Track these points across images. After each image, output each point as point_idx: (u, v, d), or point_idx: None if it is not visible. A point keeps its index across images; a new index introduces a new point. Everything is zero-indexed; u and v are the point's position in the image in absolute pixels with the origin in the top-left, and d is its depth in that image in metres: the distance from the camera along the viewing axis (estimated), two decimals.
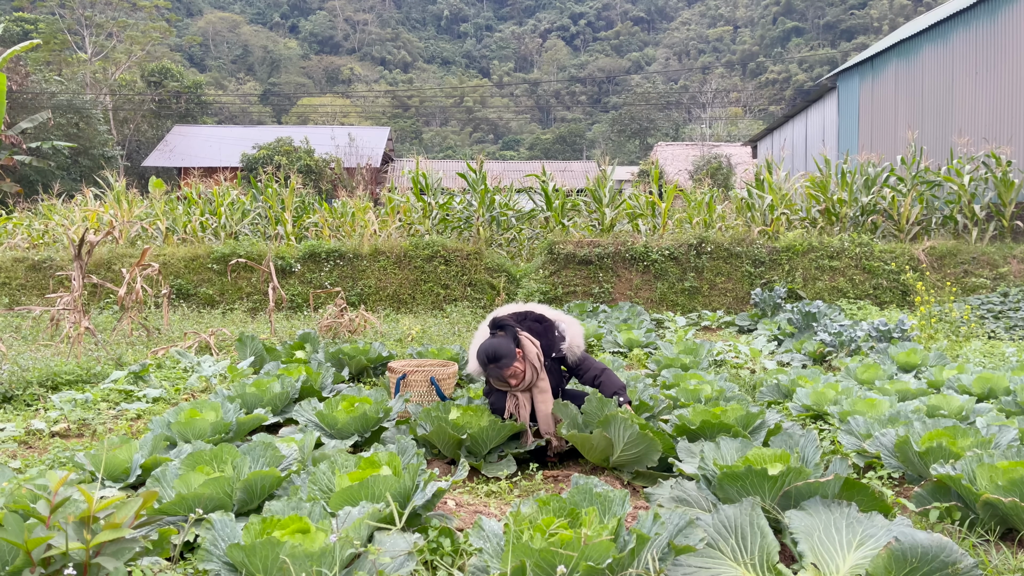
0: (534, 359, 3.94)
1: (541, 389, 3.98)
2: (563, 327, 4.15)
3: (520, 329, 4.05)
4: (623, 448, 3.61)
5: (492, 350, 3.88)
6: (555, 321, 4.18)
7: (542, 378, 3.99)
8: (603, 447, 3.66)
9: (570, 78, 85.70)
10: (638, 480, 3.70)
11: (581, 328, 4.21)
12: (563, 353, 4.10)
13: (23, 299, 11.36)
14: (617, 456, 3.65)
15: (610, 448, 3.63)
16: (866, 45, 55.18)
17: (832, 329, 7.27)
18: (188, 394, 5.69)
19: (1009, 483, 2.80)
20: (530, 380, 3.94)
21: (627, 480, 3.72)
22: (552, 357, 4.09)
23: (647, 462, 3.63)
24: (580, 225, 13.59)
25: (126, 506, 2.15)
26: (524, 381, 3.93)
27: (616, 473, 3.79)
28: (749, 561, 2.34)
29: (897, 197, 12.63)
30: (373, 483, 2.78)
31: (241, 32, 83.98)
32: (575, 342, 4.10)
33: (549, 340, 4.09)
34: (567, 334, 4.11)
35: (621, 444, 3.59)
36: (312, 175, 27.42)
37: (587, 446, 3.75)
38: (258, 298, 11.42)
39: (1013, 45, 14.60)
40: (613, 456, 3.66)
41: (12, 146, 23.76)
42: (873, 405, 4.31)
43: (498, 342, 3.91)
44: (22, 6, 44.94)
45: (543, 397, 3.97)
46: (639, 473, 3.71)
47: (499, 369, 3.86)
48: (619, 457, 3.66)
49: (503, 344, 3.89)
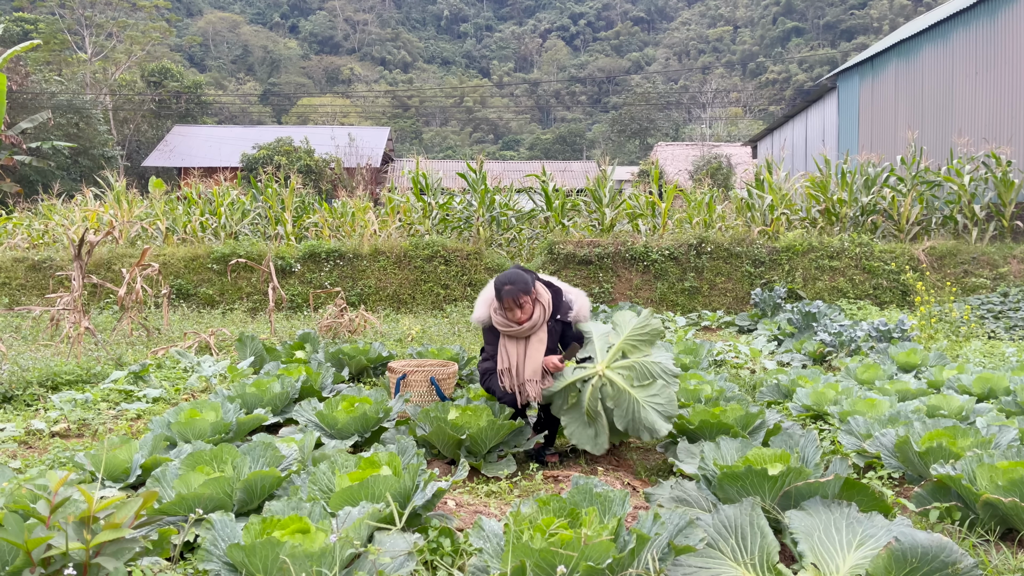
0: (545, 303, 4.02)
1: (539, 339, 4.01)
2: (571, 297, 4.23)
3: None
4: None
5: (510, 276, 3.96)
6: (564, 291, 4.24)
7: (542, 329, 4.03)
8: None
9: (570, 78, 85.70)
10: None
11: (588, 302, 4.28)
12: (569, 319, 4.15)
13: (23, 299, 11.36)
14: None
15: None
16: (866, 45, 55.20)
17: (832, 329, 7.27)
18: (188, 394, 5.69)
19: (1009, 483, 2.80)
20: (534, 322, 3.97)
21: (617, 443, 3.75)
22: (556, 319, 4.12)
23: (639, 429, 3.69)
24: (580, 225, 13.59)
25: (126, 506, 2.15)
26: (530, 319, 3.97)
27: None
28: (749, 561, 2.35)
29: (897, 197, 12.63)
30: (373, 483, 2.78)
31: (241, 32, 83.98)
32: (582, 312, 4.19)
33: (557, 303, 4.14)
34: (575, 304, 4.19)
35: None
36: (312, 175, 27.42)
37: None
38: (258, 298, 11.42)
39: (1013, 45, 14.61)
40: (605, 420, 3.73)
41: (12, 146, 23.77)
42: (873, 405, 4.31)
43: (517, 273, 4.00)
44: (22, 6, 44.94)
45: (537, 347, 3.99)
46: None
47: (514, 291, 3.90)
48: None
49: (524, 276, 3.99)
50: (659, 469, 4.03)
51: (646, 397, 3.75)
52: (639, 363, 3.82)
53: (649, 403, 3.74)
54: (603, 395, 3.78)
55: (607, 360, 3.83)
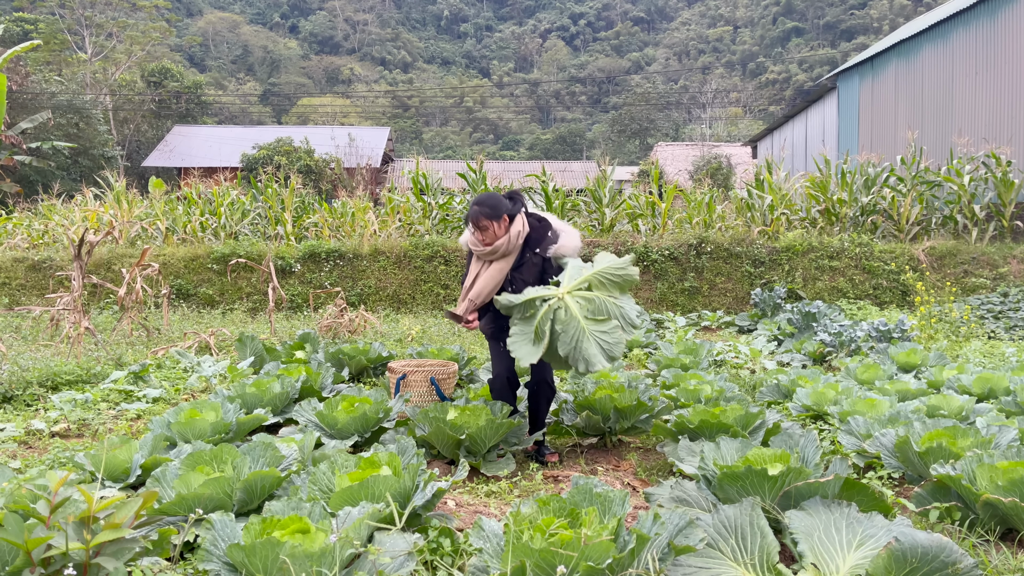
0: (513, 236, 4.00)
1: (498, 267, 4.01)
2: (560, 233, 4.14)
3: (525, 210, 4.14)
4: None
5: (483, 198, 4.02)
6: (555, 226, 4.16)
7: (508, 257, 4.04)
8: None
9: (570, 78, 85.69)
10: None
11: (578, 242, 4.16)
12: (548, 254, 4.08)
13: (23, 299, 11.36)
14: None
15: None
16: (866, 45, 55.20)
17: (832, 329, 7.27)
18: (188, 394, 5.69)
19: (1009, 483, 2.80)
20: (496, 248, 3.99)
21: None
22: (536, 252, 4.08)
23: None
24: (580, 225, 13.58)
25: (126, 506, 2.15)
26: (492, 243, 3.99)
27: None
28: (749, 561, 2.35)
29: (897, 197, 12.63)
30: (373, 483, 2.78)
31: (241, 32, 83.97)
32: (563, 250, 4.09)
33: (539, 235, 4.10)
34: (560, 239, 4.10)
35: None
36: (312, 175, 27.41)
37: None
38: (258, 298, 11.42)
39: (1013, 45, 14.61)
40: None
41: (12, 146, 23.76)
42: (873, 405, 4.31)
43: (497, 197, 4.03)
44: (22, 6, 44.94)
45: (493, 273, 4.00)
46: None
47: (479, 213, 3.95)
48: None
49: (499, 201, 4.00)
50: (659, 469, 4.03)
51: (595, 330, 3.68)
52: (600, 299, 3.76)
53: (595, 336, 3.66)
54: (555, 318, 3.70)
55: (571, 286, 3.77)
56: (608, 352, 3.67)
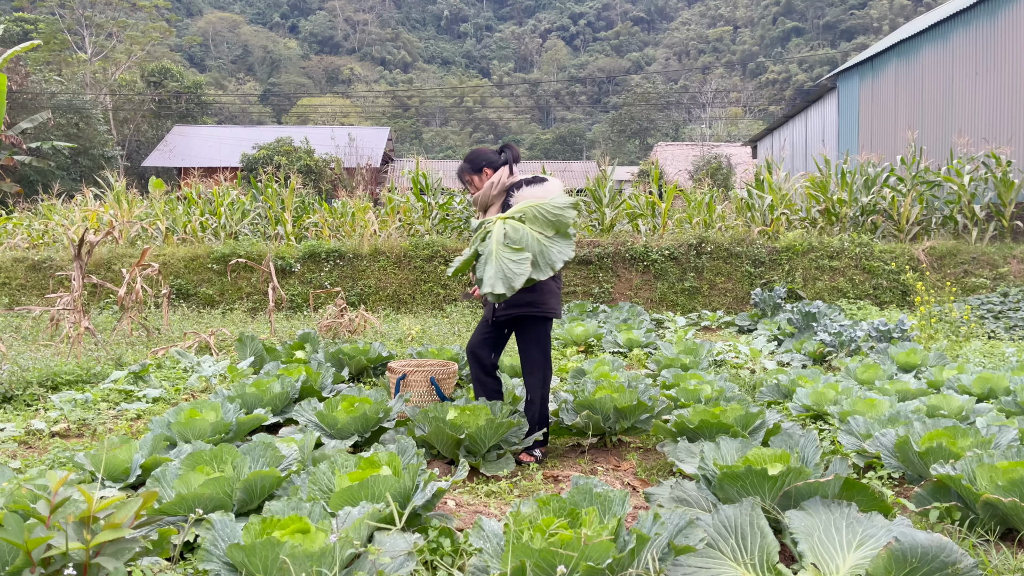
0: (486, 185, 4.16)
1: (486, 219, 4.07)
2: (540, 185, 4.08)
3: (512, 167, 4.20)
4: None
5: (470, 153, 4.30)
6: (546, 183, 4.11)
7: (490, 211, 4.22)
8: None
9: (570, 78, 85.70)
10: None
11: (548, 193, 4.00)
12: (511, 202, 4.09)
13: (23, 299, 11.36)
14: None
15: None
16: (866, 45, 55.19)
17: (832, 329, 7.27)
18: (188, 394, 5.69)
19: (1009, 483, 2.80)
20: (477, 200, 4.23)
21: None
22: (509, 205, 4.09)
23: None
24: (580, 225, 13.59)
25: (126, 506, 2.15)
26: (473, 194, 4.25)
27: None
28: (749, 561, 2.35)
29: (897, 197, 12.63)
30: (373, 483, 2.78)
31: (241, 32, 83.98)
32: (523, 195, 4.05)
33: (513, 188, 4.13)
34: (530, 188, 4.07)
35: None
36: (312, 175, 27.41)
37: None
38: (258, 298, 11.42)
39: (1013, 45, 14.61)
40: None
41: (12, 146, 23.76)
42: (873, 405, 4.31)
43: (480, 151, 4.30)
44: (22, 6, 44.95)
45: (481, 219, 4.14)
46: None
47: (461, 168, 4.29)
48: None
49: (479, 155, 4.27)
50: (659, 469, 4.03)
51: (505, 256, 3.63)
52: (526, 231, 3.71)
53: (502, 263, 3.62)
54: (482, 243, 3.77)
55: (505, 214, 3.82)
56: (506, 281, 3.58)
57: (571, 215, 3.80)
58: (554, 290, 4.23)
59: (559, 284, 4.30)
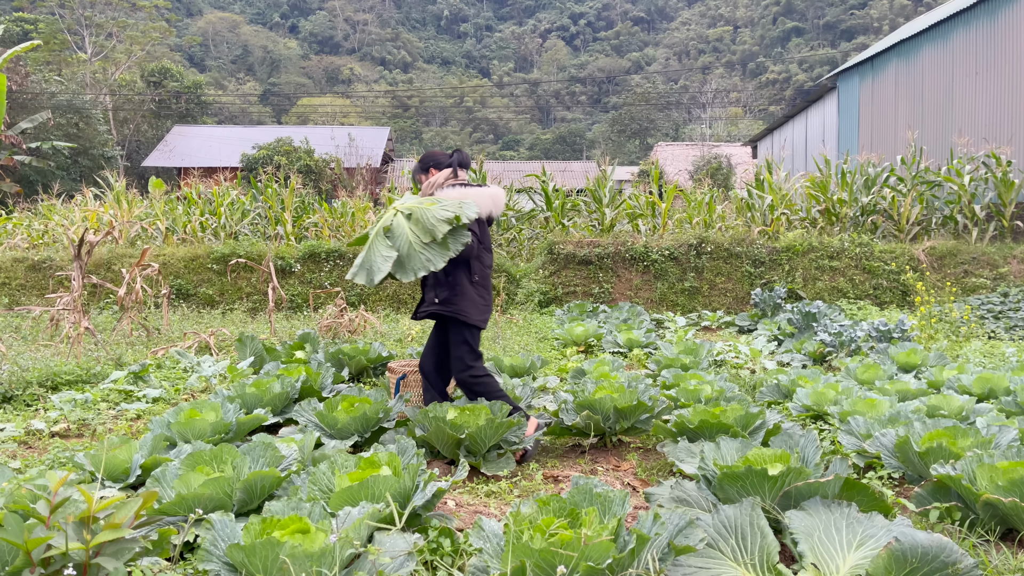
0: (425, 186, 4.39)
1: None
2: (460, 190, 4.26)
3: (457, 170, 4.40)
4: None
5: (427, 153, 4.53)
6: (471, 190, 4.28)
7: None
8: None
9: (570, 78, 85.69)
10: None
11: (480, 202, 4.19)
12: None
13: (23, 299, 11.36)
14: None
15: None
16: (866, 45, 55.18)
17: (832, 329, 7.27)
18: (188, 394, 5.69)
19: (1009, 483, 2.80)
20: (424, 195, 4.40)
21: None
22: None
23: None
24: (580, 225, 13.59)
25: (126, 506, 2.15)
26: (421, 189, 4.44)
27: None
28: (749, 561, 2.35)
29: (897, 197, 12.63)
30: (373, 483, 2.78)
31: (241, 32, 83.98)
32: (434, 192, 4.32)
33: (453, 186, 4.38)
34: (442, 190, 4.30)
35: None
36: (312, 175, 27.41)
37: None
38: (258, 298, 11.42)
39: (1013, 45, 14.61)
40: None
41: (12, 146, 23.76)
42: (873, 405, 4.31)
43: (431, 153, 4.52)
44: (22, 6, 44.95)
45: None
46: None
47: (416, 165, 4.54)
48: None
49: (427, 156, 4.51)
50: (659, 469, 4.03)
51: (378, 248, 3.92)
52: (404, 229, 3.91)
53: (373, 254, 3.91)
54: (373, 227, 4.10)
55: (398, 204, 4.06)
56: (369, 272, 3.88)
57: (442, 230, 3.87)
58: (471, 297, 4.24)
59: (481, 293, 4.31)
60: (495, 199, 4.38)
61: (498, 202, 4.41)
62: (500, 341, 8.20)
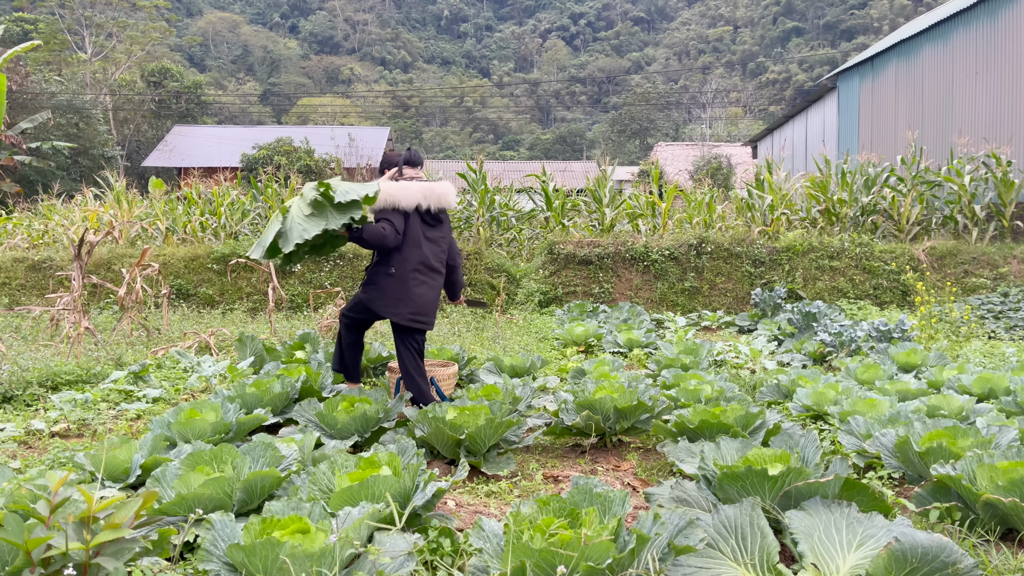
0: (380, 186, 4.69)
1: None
2: (387, 185, 4.54)
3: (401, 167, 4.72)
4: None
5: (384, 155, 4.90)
6: (396, 185, 4.53)
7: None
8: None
9: (570, 78, 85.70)
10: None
11: (374, 187, 4.35)
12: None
13: (23, 299, 11.36)
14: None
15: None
16: (866, 45, 55.19)
17: (832, 329, 7.27)
18: (188, 394, 5.69)
19: (1009, 483, 2.80)
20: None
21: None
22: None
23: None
24: (580, 225, 13.59)
25: (126, 506, 2.15)
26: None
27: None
28: (749, 561, 2.35)
29: (897, 197, 12.63)
30: (373, 483, 2.78)
31: (241, 32, 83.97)
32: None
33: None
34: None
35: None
36: (312, 175, 27.41)
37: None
38: (258, 298, 11.42)
39: (1013, 45, 14.60)
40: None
41: (12, 146, 23.76)
42: (873, 405, 4.31)
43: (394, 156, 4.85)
44: (22, 6, 44.95)
45: None
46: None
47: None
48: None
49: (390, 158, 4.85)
50: (659, 469, 4.03)
51: (271, 226, 4.37)
52: (295, 209, 4.32)
53: (267, 231, 4.39)
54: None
55: (303, 195, 4.40)
56: (260, 245, 4.37)
57: (310, 198, 4.30)
58: (383, 288, 4.51)
59: (395, 286, 4.51)
60: (427, 192, 4.46)
61: (431, 195, 4.49)
62: (500, 341, 8.20)
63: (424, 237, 4.53)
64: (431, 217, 4.57)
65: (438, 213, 4.64)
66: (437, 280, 4.68)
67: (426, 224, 4.56)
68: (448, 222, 4.76)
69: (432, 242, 4.59)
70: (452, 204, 4.68)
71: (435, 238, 4.61)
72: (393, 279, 4.48)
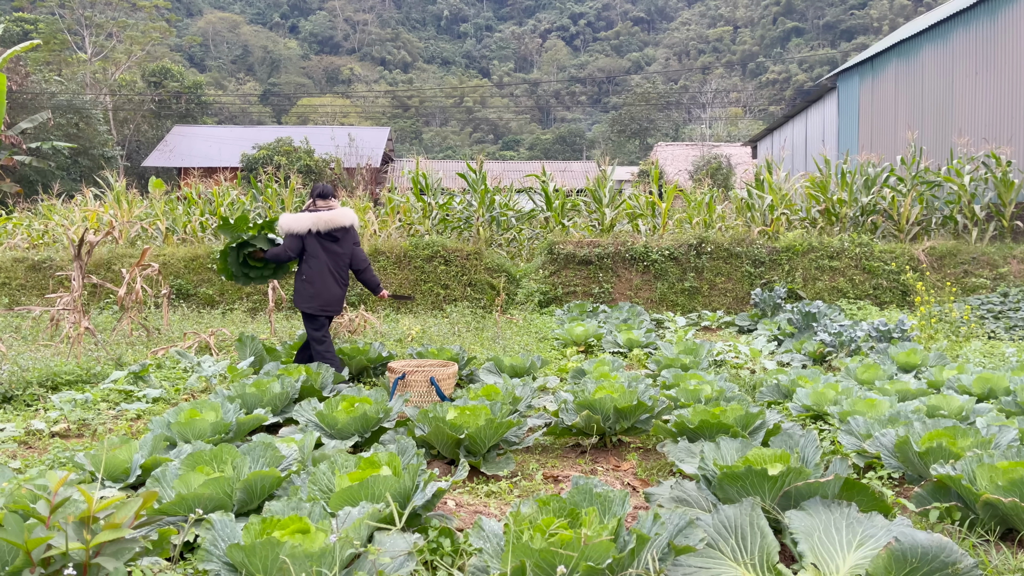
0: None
1: None
2: (293, 221, 5.88)
3: (316, 198, 5.97)
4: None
5: (316, 184, 6.04)
6: (294, 217, 5.86)
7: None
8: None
9: (570, 78, 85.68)
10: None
11: (286, 223, 5.82)
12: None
13: (23, 299, 11.36)
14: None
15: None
16: (866, 45, 55.20)
17: (832, 329, 7.27)
18: (188, 394, 5.69)
19: (1009, 483, 2.80)
20: None
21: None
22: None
23: None
24: (580, 225, 13.59)
25: (126, 506, 2.15)
26: None
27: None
28: (749, 561, 2.35)
29: (897, 197, 12.63)
30: (373, 483, 2.78)
31: (241, 32, 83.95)
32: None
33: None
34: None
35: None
36: (312, 175, 27.40)
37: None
38: (258, 298, 11.42)
39: (1013, 45, 14.60)
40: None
41: (12, 146, 23.75)
42: (873, 405, 4.30)
43: (321, 187, 6.01)
44: (22, 6, 44.94)
45: None
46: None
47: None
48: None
49: (316, 189, 6.01)
50: (659, 469, 4.03)
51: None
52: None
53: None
54: None
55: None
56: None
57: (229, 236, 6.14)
58: (298, 288, 5.87)
59: (306, 287, 5.81)
60: (316, 220, 5.72)
61: (319, 221, 5.72)
62: (500, 341, 8.20)
63: (324, 250, 5.79)
64: (327, 237, 5.79)
65: (333, 232, 5.81)
66: (340, 281, 5.92)
67: (326, 240, 5.79)
68: (349, 238, 5.89)
69: (332, 254, 5.83)
70: (345, 224, 5.82)
71: (334, 251, 5.83)
72: (305, 283, 5.82)
